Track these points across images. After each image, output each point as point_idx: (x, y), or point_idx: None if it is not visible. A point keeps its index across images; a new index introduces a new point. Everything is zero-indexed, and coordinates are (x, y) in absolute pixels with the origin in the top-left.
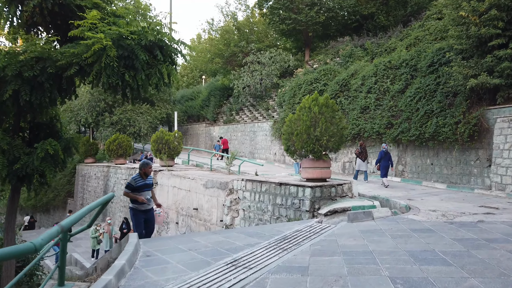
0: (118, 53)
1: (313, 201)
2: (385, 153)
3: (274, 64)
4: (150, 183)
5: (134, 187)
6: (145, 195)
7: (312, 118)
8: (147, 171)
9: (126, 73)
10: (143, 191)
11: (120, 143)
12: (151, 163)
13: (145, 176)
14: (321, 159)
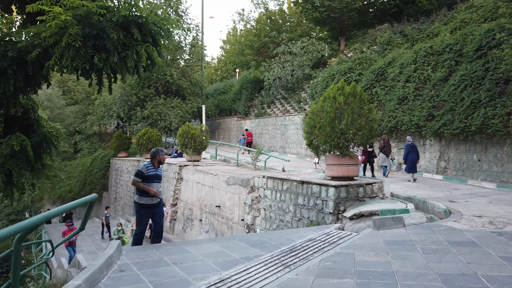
0: (85, 32)
1: (338, 203)
2: (411, 146)
3: (306, 54)
4: (161, 174)
5: (145, 175)
6: (155, 187)
7: (337, 109)
8: (162, 159)
9: (96, 55)
10: (153, 182)
11: (149, 137)
12: (165, 150)
13: (157, 165)
14: (347, 155)
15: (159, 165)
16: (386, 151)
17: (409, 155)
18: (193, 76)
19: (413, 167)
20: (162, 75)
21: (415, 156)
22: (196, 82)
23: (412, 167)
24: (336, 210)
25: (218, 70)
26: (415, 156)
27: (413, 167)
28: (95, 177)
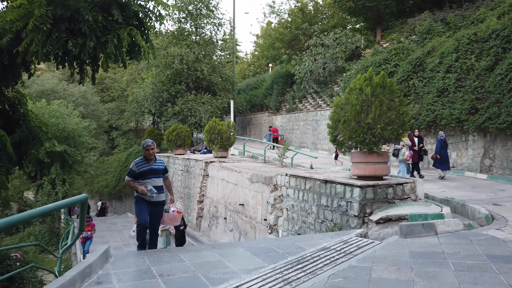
0: (56, 13)
1: (363, 204)
2: (444, 142)
3: (339, 46)
4: (158, 168)
5: (136, 173)
6: (151, 183)
7: (364, 101)
8: (146, 154)
9: (70, 40)
10: (148, 178)
11: (178, 133)
12: (152, 143)
13: (150, 160)
14: (375, 152)
15: (151, 160)
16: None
17: (441, 151)
18: (224, 71)
19: (445, 163)
20: (192, 70)
21: (447, 152)
22: (227, 78)
23: (444, 163)
24: (361, 213)
25: (251, 66)
26: (446, 152)
27: (446, 163)
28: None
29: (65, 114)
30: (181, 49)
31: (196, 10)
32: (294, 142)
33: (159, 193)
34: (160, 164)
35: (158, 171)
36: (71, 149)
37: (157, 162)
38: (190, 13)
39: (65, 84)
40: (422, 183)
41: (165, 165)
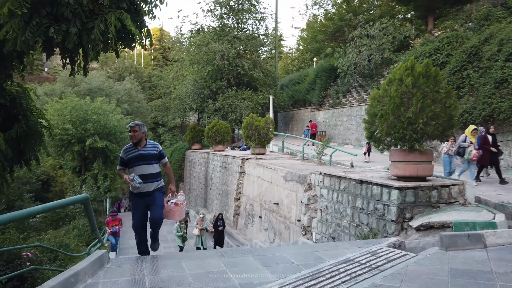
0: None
1: (402, 208)
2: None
3: (386, 37)
4: (148, 153)
5: (125, 160)
6: (139, 171)
7: (404, 93)
8: (130, 137)
9: (52, 26)
10: (137, 165)
11: (218, 129)
12: (136, 125)
13: (137, 144)
14: (417, 150)
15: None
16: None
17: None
18: (265, 66)
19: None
20: (233, 66)
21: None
22: (269, 73)
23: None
24: (400, 218)
25: (295, 60)
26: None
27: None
28: (173, 168)
29: (107, 110)
30: (222, 45)
31: (238, 5)
32: (337, 139)
33: (151, 181)
34: (152, 149)
35: (149, 156)
36: (112, 145)
37: (147, 147)
38: (232, 9)
39: (111, 82)
40: (473, 185)
41: (160, 149)
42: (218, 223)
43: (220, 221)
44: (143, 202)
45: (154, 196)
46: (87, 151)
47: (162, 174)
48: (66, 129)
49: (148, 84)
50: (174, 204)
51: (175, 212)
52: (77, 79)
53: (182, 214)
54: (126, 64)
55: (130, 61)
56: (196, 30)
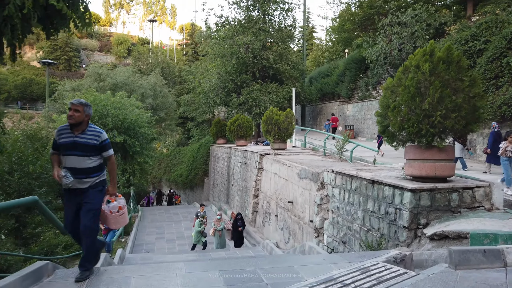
0: None
1: (416, 213)
2: (497, 134)
3: (419, 24)
4: (85, 142)
5: (57, 143)
6: (71, 163)
7: (420, 82)
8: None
9: None
10: (68, 154)
11: (240, 124)
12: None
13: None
14: (435, 147)
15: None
16: (462, 141)
17: (494, 144)
18: (292, 58)
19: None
20: (258, 59)
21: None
22: (295, 65)
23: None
24: (413, 224)
25: (325, 52)
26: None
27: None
28: (199, 163)
29: (126, 105)
30: (247, 38)
31: None
32: (365, 133)
33: (83, 177)
34: (92, 137)
35: (85, 147)
36: (131, 140)
37: (87, 134)
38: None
39: (136, 77)
40: (501, 187)
41: (103, 139)
42: (238, 223)
43: (240, 221)
44: (74, 201)
45: (87, 195)
46: None
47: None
48: None
49: (179, 79)
50: (109, 211)
51: (109, 220)
52: (103, 74)
53: (118, 223)
54: (159, 59)
55: (163, 56)
56: (221, 23)
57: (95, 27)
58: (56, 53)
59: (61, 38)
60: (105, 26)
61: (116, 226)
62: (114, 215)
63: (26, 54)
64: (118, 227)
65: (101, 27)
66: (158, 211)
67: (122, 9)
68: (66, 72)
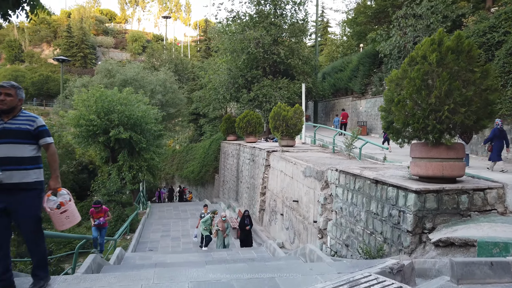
0: None
1: (421, 217)
2: (499, 131)
3: (435, 16)
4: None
5: None
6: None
7: (426, 73)
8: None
9: None
10: None
11: (249, 120)
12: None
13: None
14: (443, 144)
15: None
16: (465, 137)
17: (494, 140)
18: (303, 53)
19: (500, 155)
20: (269, 54)
21: (502, 142)
22: (307, 60)
23: (499, 154)
24: (418, 228)
25: (339, 47)
26: (502, 142)
27: (499, 154)
28: (210, 160)
29: (133, 101)
30: (257, 32)
31: None
32: (379, 129)
33: (14, 169)
34: (25, 122)
35: (18, 133)
36: (138, 136)
37: (18, 119)
38: None
39: (146, 73)
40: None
41: (39, 124)
42: (245, 221)
43: (247, 219)
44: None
45: (22, 201)
46: (112, 142)
47: None
48: (91, 119)
49: (192, 75)
50: (51, 208)
51: (53, 220)
52: (113, 71)
53: (62, 224)
54: (173, 56)
55: (176, 53)
56: (232, 18)
57: (110, 24)
58: (72, 50)
59: (77, 35)
60: (121, 23)
61: (61, 227)
62: (55, 213)
63: (43, 52)
64: (64, 228)
65: (117, 24)
66: (166, 208)
67: (137, 6)
68: (82, 69)
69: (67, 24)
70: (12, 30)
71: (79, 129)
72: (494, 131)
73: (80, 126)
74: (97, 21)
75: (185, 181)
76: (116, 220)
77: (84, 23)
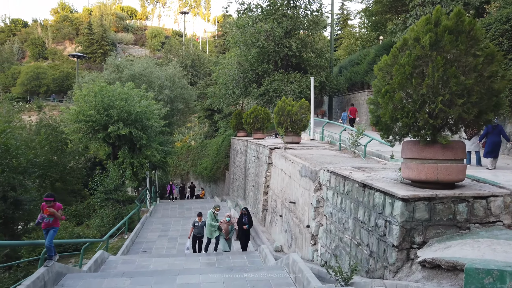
0: None
1: (409, 229)
2: (493, 127)
3: (455, 2)
4: None
5: None
6: None
7: (418, 58)
8: None
9: None
10: None
11: (257, 115)
12: None
13: None
14: (437, 143)
15: None
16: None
17: (488, 137)
18: (316, 46)
19: (493, 151)
20: (280, 47)
21: (497, 138)
22: (321, 53)
23: (492, 151)
24: (405, 242)
25: (358, 40)
26: (497, 138)
27: (494, 151)
28: (221, 156)
29: (133, 96)
30: (267, 25)
31: None
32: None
33: None
34: None
35: None
36: (138, 132)
37: None
38: None
39: (153, 68)
40: None
41: None
42: (243, 220)
43: (245, 217)
44: None
45: None
46: (112, 139)
47: None
48: (90, 115)
49: (208, 70)
50: None
51: None
52: (121, 66)
53: None
54: (191, 51)
55: (194, 48)
56: (243, 10)
57: (131, 21)
58: (92, 47)
59: (97, 32)
60: (141, 19)
61: None
62: None
63: (66, 49)
64: None
65: (137, 21)
66: (171, 206)
67: (158, 3)
68: (102, 65)
69: (88, 22)
70: (36, 28)
71: (79, 125)
72: (487, 127)
73: (80, 122)
74: (118, 18)
75: (199, 178)
76: (114, 219)
77: (104, 20)
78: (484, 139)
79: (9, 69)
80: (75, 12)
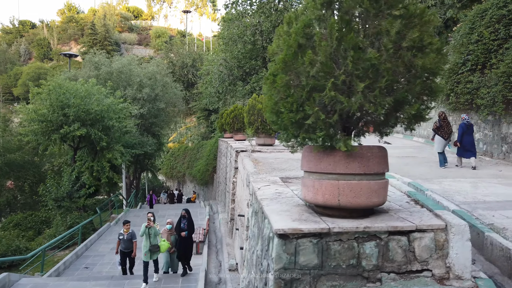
0: None
1: (290, 281)
2: (467, 126)
3: None
4: None
5: None
6: None
7: (310, 24)
8: None
9: None
10: None
11: (236, 115)
12: None
13: None
14: (337, 151)
15: None
16: (443, 132)
17: (464, 136)
18: None
19: (470, 151)
20: (268, 42)
21: (472, 137)
22: None
23: (470, 150)
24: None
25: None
26: (472, 137)
27: (471, 150)
28: (211, 158)
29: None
30: (254, 19)
31: None
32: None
33: None
34: None
35: None
36: (97, 133)
37: None
38: None
39: (133, 65)
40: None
41: None
42: (181, 225)
43: (184, 221)
44: None
45: None
46: (69, 140)
47: None
48: (43, 114)
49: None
50: None
51: None
52: (99, 63)
53: None
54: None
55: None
56: (231, 4)
57: (136, 21)
58: (95, 47)
59: (101, 32)
60: (147, 19)
61: None
62: None
63: (71, 50)
64: None
65: (143, 21)
66: (143, 213)
67: (164, 3)
68: None
69: (91, 22)
70: (42, 29)
71: (33, 125)
72: (462, 127)
73: (33, 122)
74: (122, 18)
75: (194, 181)
76: (70, 228)
77: (108, 20)
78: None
79: (11, 70)
80: (81, 13)
